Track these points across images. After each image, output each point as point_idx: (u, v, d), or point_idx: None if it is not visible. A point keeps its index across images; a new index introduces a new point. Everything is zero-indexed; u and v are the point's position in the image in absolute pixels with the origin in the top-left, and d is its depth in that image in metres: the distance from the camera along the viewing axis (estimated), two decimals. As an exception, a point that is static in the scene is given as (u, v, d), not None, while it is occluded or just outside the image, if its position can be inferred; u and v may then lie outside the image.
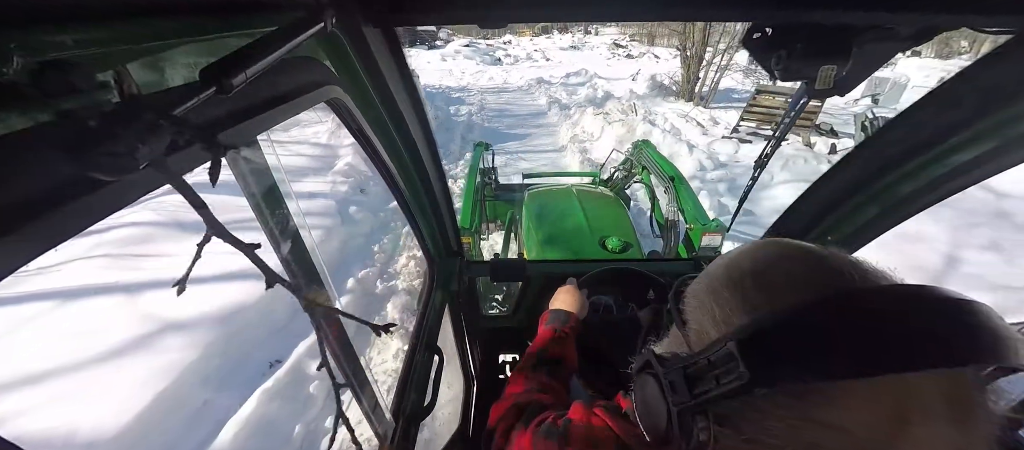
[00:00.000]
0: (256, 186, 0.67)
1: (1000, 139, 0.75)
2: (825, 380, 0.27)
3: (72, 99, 0.26)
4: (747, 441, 0.30)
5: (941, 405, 0.27)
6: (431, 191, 1.23)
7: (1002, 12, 0.58)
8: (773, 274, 0.33)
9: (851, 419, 0.27)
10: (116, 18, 0.32)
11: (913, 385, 0.27)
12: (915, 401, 0.27)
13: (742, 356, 0.28)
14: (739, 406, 0.30)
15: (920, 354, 0.25)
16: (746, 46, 0.74)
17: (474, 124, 9.30)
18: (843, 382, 0.27)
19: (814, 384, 0.27)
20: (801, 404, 0.28)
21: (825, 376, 0.27)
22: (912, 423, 0.27)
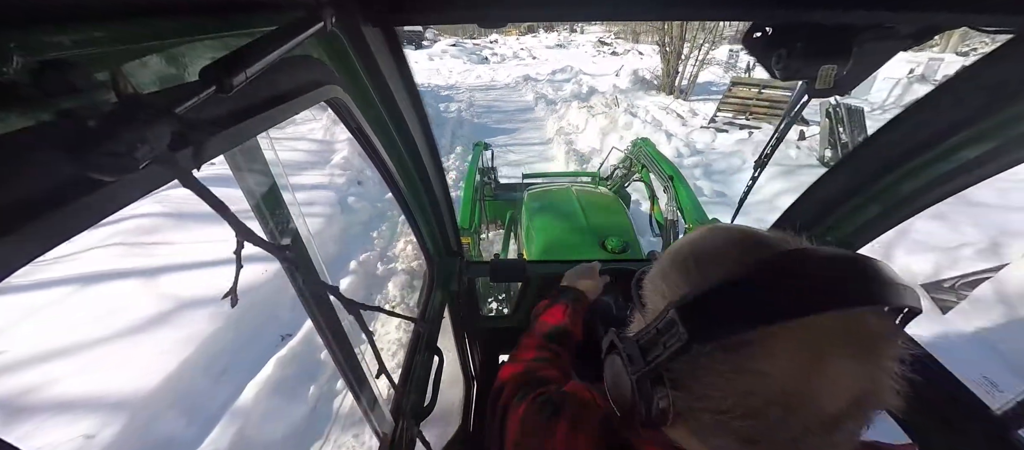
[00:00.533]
0: (256, 186, 0.67)
1: (1001, 138, 0.75)
2: (747, 329, 0.32)
3: (72, 99, 0.26)
4: (698, 399, 0.36)
5: (846, 345, 0.32)
6: (431, 191, 1.23)
7: (1002, 12, 0.58)
8: (709, 252, 0.39)
9: (774, 365, 0.32)
10: (116, 18, 0.32)
11: (820, 330, 0.32)
12: (824, 344, 0.32)
13: (681, 320, 0.34)
14: (688, 368, 0.36)
15: (820, 300, 0.31)
16: (746, 46, 0.74)
17: (464, 120, 9.63)
18: (762, 331, 0.32)
19: (739, 335, 0.32)
20: (734, 357, 0.33)
21: (747, 326, 0.32)
22: (824, 362, 0.32)
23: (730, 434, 0.35)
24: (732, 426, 0.34)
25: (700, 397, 0.35)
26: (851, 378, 0.32)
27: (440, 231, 1.44)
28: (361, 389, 0.97)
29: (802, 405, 0.32)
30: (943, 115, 0.81)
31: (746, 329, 0.32)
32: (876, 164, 0.97)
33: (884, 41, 0.66)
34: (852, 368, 0.32)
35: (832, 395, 0.32)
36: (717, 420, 0.35)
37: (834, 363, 0.32)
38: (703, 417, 0.36)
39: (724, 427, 0.35)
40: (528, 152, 7.55)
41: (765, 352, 0.32)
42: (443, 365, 1.34)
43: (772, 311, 0.32)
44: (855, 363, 0.32)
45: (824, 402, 0.32)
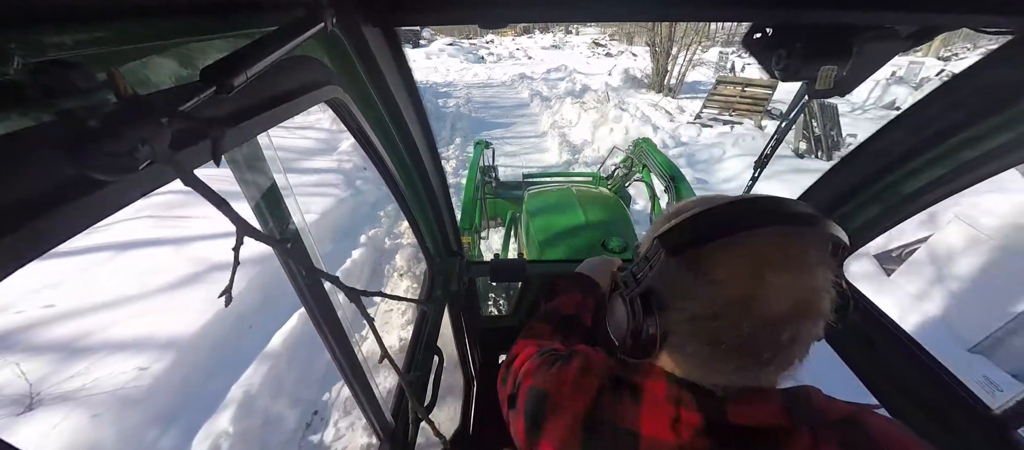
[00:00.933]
0: (256, 186, 0.67)
1: (1001, 139, 0.75)
2: (703, 243, 0.44)
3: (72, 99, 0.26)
4: (677, 312, 0.46)
5: (782, 260, 0.42)
6: (431, 191, 1.23)
7: (1002, 12, 0.58)
8: (688, 207, 0.51)
9: (725, 273, 0.43)
10: (116, 18, 0.32)
11: (759, 248, 0.42)
12: (763, 258, 0.42)
13: (660, 243, 0.46)
14: (669, 288, 0.47)
15: (750, 221, 0.43)
16: (746, 46, 0.74)
17: (462, 115, 9.96)
18: (714, 246, 0.43)
19: (700, 249, 0.44)
20: (698, 269, 0.44)
21: (702, 241, 0.44)
22: (765, 273, 0.41)
23: (701, 337, 0.45)
24: (702, 329, 0.44)
25: (678, 310, 0.46)
26: (790, 288, 0.41)
27: (440, 231, 1.44)
28: (361, 389, 0.97)
29: (751, 306, 0.41)
30: (943, 115, 0.81)
31: (702, 243, 0.43)
32: (876, 164, 0.97)
33: (884, 41, 0.66)
34: (788, 280, 0.42)
35: (774, 300, 0.41)
36: (690, 327, 0.45)
37: (772, 274, 0.41)
38: (682, 328, 0.46)
39: (696, 332, 0.45)
40: (524, 144, 7.90)
41: (719, 265, 0.43)
42: (443, 365, 1.34)
43: (719, 230, 0.43)
44: (790, 276, 0.42)
45: (770, 305, 0.41)
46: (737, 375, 0.45)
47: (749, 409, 0.45)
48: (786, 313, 0.41)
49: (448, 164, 6.55)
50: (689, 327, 0.45)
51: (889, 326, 1.05)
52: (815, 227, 0.44)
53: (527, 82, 13.49)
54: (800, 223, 0.43)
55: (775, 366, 0.45)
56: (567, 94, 10.75)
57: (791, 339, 0.43)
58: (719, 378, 0.46)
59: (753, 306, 0.41)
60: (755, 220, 0.43)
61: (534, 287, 1.83)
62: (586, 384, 0.55)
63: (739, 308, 0.42)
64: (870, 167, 0.99)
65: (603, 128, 7.95)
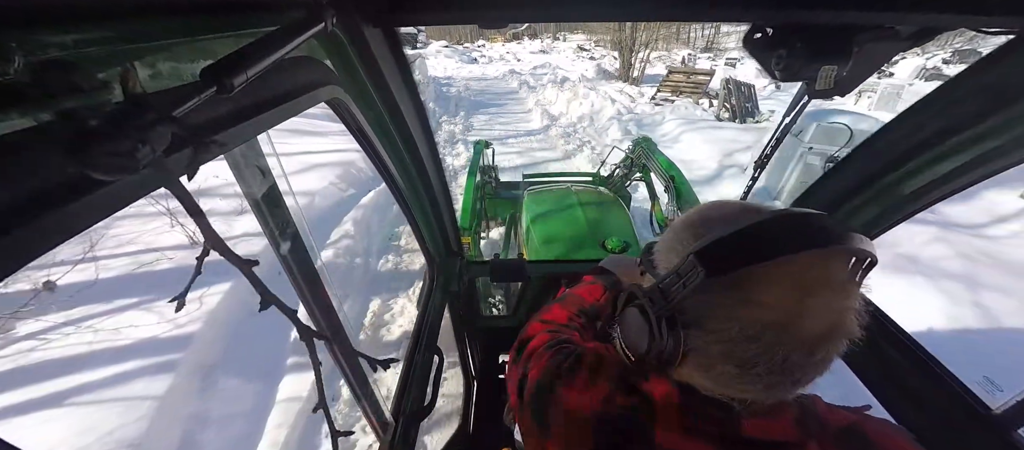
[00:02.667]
0: (256, 186, 0.67)
1: (1001, 139, 0.75)
2: (750, 264, 0.40)
3: (73, 99, 0.26)
4: (709, 333, 0.43)
5: (825, 281, 0.41)
6: (431, 191, 1.23)
7: (1002, 12, 0.58)
8: (716, 216, 0.48)
9: (771, 295, 0.40)
10: (116, 18, 0.32)
11: (804, 269, 0.40)
12: (808, 280, 0.40)
13: (699, 261, 0.42)
14: (701, 308, 0.43)
15: (800, 243, 0.40)
16: (746, 46, 0.74)
17: (463, 98, 12.44)
18: (761, 268, 0.40)
19: (744, 270, 0.41)
20: (738, 292, 0.41)
21: (750, 262, 0.41)
22: (809, 294, 0.40)
23: (733, 359, 0.43)
24: (735, 351, 0.42)
25: (711, 331, 0.43)
26: (827, 310, 0.41)
27: (440, 231, 1.44)
28: (361, 389, 0.97)
29: (790, 329, 0.40)
30: (943, 115, 0.81)
31: (749, 264, 0.41)
32: (876, 164, 0.97)
33: (884, 42, 0.66)
34: (828, 302, 0.41)
35: (813, 322, 0.40)
36: (723, 349, 0.43)
37: (813, 297, 0.40)
38: (712, 349, 0.44)
39: (728, 354, 0.43)
40: (513, 116, 10.39)
41: (764, 287, 0.41)
42: (443, 365, 1.34)
43: (770, 250, 0.40)
44: (830, 298, 0.41)
45: (807, 327, 0.40)
46: (765, 393, 0.44)
47: (764, 424, 0.45)
48: (822, 335, 0.40)
49: (455, 126, 9.13)
50: (721, 349, 0.43)
51: (889, 326, 1.05)
52: (851, 245, 0.41)
53: (516, 76, 15.96)
54: (840, 242, 0.41)
55: (802, 384, 0.44)
56: (549, 83, 13.14)
57: (822, 360, 0.42)
58: (745, 395, 0.45)
59: (792, 330, 0.40)
60: (805, 242, 0.40)
61: (534, 287, 1.83)
62: (597, 387, 0.54)
63: (779, 331, 0.40)
64: (870, 167, 0.99)
65: (574, 103, 10.48)
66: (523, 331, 0.77)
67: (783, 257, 0.40)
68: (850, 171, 1.04)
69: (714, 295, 0.42)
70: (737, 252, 0.42)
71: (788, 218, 0.43)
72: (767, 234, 0.42)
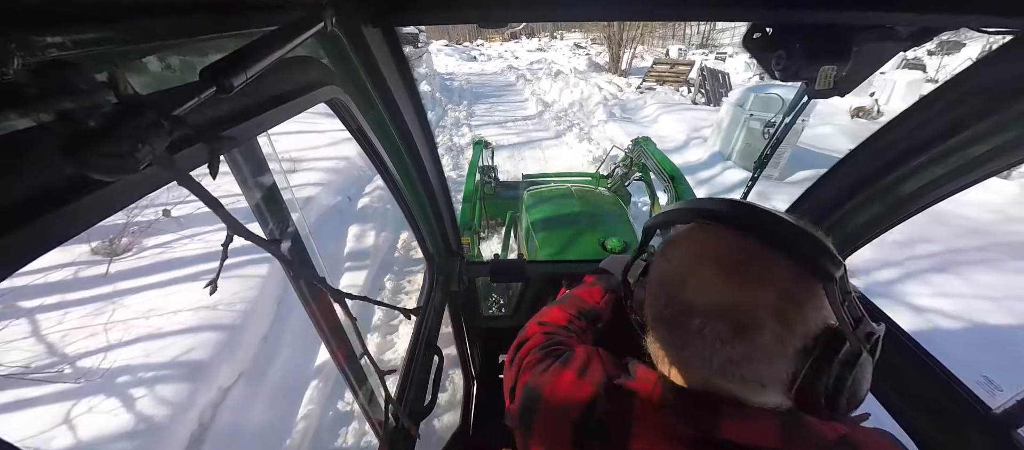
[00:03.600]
0: (256, 186, 0.67)
1: (1001, 139, 0.75)
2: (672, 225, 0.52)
3: (72, 99, 0.26)
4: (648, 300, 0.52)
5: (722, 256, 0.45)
6: (431, 191, 1.23)
7: (1002, 12, 0.58)
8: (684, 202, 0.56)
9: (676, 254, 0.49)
10: (116, 18, 0.32)
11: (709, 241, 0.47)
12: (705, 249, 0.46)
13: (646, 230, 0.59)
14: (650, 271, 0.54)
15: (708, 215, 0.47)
16: (746, 46, 0.74)
17: (465, 90, 13.92)
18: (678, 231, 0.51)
19: (671, 232, 0.50)
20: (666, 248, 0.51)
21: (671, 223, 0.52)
22: (703, 261, 0.45)
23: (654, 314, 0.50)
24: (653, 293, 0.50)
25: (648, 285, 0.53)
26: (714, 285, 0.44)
27: (440, 231, 1.44)
28: (361, 388, 0.97)
29: (681, 288, 0.46)
30: (943, 115, 0.81)
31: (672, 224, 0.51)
32: (876, 164, 0.97)
33: (884, 42, 0.66)
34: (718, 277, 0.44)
35: (698, 289, 0.44)
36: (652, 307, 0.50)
37: (706, 266, 0.45)
38: (650, 310, 0.51)
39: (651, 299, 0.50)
40: (511, 104, 11.74)
41: (673, 246, 0.50)
42: (443, 365, 1.34)
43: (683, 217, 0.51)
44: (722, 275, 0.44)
45: (692, 292, 0.44)
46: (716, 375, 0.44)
47: (742, 427, 0.44)
48: (703, 307, 0.43)
49: (459, 113, 10.29)
50: (651, 307, 0.51)
51: (889, 326, 1.05)
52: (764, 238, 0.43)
53: (514, 71, 17.62)
54: (750, 230, 0.43)
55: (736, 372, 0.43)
56: (544, 75, 14.44)
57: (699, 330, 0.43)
58: (697, 372, 0.46)
59: (681, 289, 0.45)
60: (713, 216, 0.46)
61: (534, 287, 1.83)
62: (581, 389, 0.55)
63: (672, 287, 0.46)
64: (870, 167, 0.99)
65: (566, 92, 11.87)
66: (521, 332, 0.78)
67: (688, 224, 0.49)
68: (850, 171, 1.04)
69: (654, 259, 0.53)
70: (670, 217, 0.52)
71: (721, 201, 0.48)
72: (696, 208, 0.49)
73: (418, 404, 1.20)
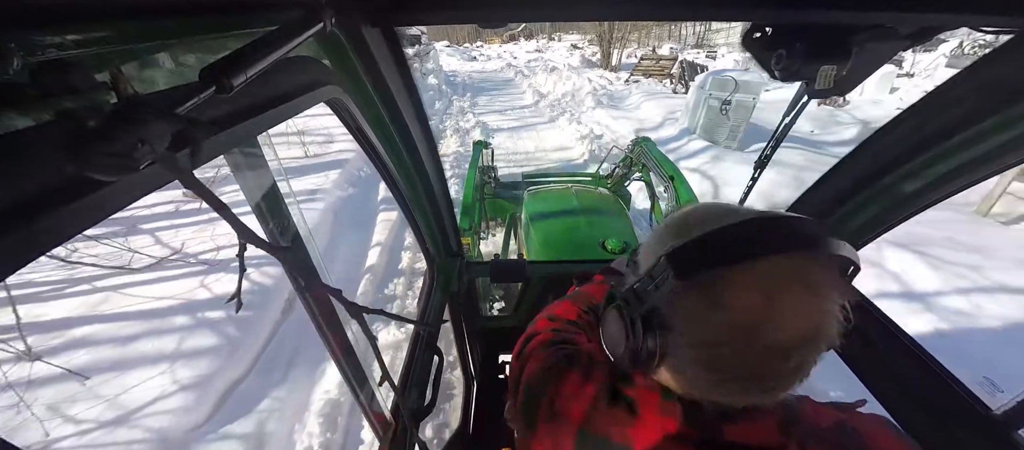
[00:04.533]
0: (256, 186, 0.67)
1: (1001, 138, 0.75)
2: (715, 268, 0.41)
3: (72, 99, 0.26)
4: (680, 335, 0.43)
5: (796, 286, 0.40)
6: (431, 191, 1.23)
7: (1002, 12, 0.58)
8: (693, 220, 0.48)
9: (737, 298, 0.40)
10: (116, 18, 0.32)
11: (773, 274, 0.40)
12: (776, 285, 0.40)
13: (669, 264, 0.42)
14: (674, 310, 0.44)
15: (765, 247, 0.40)
16: (746, 46, 0.74)
17: (468, 84, 15.30)
18: (726, 270, 0.40)
19: (712, 272, 0.41)
20: (708, 295, 0.41)
21: (713, 265, 0.41)
22: (775, 298, 0.39)
23: (702, 363, 0.43)
24: (704, 355, 0.43)
25: (682, 333, 0.43)
26: (795, 315, 0.40)
27: (440, 231, 1.44)
28: (361, 388, 0.97)
29: (758, 333, 0.39)
30: (943, 115, 0.81)
31: (714, 268, 0.41)
32: (876, 164, 0.97)
33: (884, 41, 0.66)
34: (799, 307, 0.40)
35: (783, 328, 0.39)
36: (694, 353, 0.43)
37: (783, 299, 0.39)
38: (684, 352, 0.44)
39: (698, 358, 0.43)
40: (510, 96, 13.00)
41: (730, 290, 0.40)
42: (443, 365, 1.34)
43: (735, 255, 0.41)
44: (801, 303, 0.40)
45: (778, 333, 0.39)
46: (738, 397, 0.44)
47: (744, 428, 0.45)
48: (794, 341, 0.40)
49: (463, 103, 11.44)
50: (692, 353, 0.43)
51: (889, 326, 1.05)
52: (828, 250, 0.41)
53: (512, 68, 19.11)
54: (815, 246, 0.41)
55: (777, 390, 0.43)
56: (541, 70, 16.06)
57: (797, 367, 0.41)
58: (720, 399, 0.45)
59: (761, 334, 0.39)
60: (773, 246, 0.40)
61: (534, 287, 1.83)
62: (584, 392, 0.55)
63: (746, 336, 0.40)
64: (870, 167, 0.99)
65: (560, 84, 13.09)
66: (531, 325, 0.78)
67: (748, 261, 0.40)
68: (850, 171, 1.04)
69: (685, 298, 0.43)
70: (705, 255, 0.42)
71: (758, 222, 0.43)
72: (735, 238, 0.42)
73: (418, 404, 1.20)
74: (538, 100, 11.80)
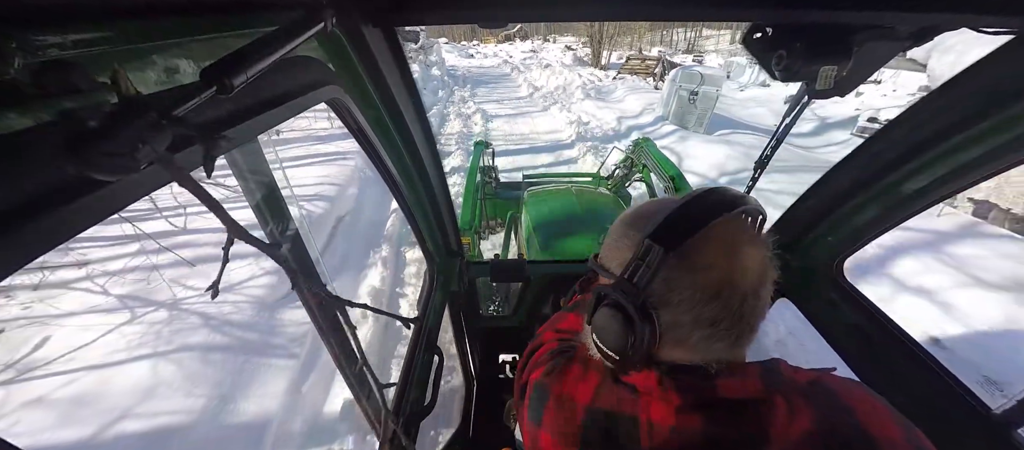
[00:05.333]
0: (256, 186, 0.67)
1: (1001, 138, 0.75)
2: (694, 232, 0.47)
3: (73, 99, 0.26)
4: (676, 306, 0.48)
5: (744, 237, 0.49)
6: (431, 191, 1.23)
7: (1002, 12, 0.58)
8: (646, 212, 0.55)
9: (711, 256, 0.47)
10: (116, 18, 0.32)
11: (727, 231, 0.48)
12: (735, 239, 0.48)
13: (655, 241, 0.48)
14: (663, 287, 0.49)
15: (719, 209, 0.48)
16: (746, 46, 0.74)
17: (467, 78, 16.82)
18: (698, 236, 0.47)
19: (689, 240, 0.47)
20: (689, 261, 0.47)
21: (693, 230, 0.48)
22: (738, 249, 0.48)
23: (702, 323, 0.48)
24: (704, 314, 0.47)
25: (677, 303, 0.48)
26: (753, 259, 0.48)
27: (440, 231, 1.44)
28: (361, 388, 0.97)
29: (735, 280, 0.47)
30: (943, 115, 0.81)
31: (693, 232, 0.47)
32: (877, 164, 0.97)
33: (884, 41, 0.66)
34: (753, 252, 0.48)
35: (746, 272, 0.47)
36: (692, 315, 0.48)
37: (740, 250, 0.48)
38: (683, 319, 0.48)
39: (697, 319, 0.48)
40: (507, 89, 14.46)
41: (705, 251, 0.47)
42: (443, 364, 1.34)
43: (703, 218, 0.48)
44: (751, 249, 0.48)
45: (747, 276, 0.47)
46: (734, 348, 0.50)
47: (735, 383, 0.50)
48: (755, 282, 0.48)
49: (465, 92, 13.12)
50: (690, 316, 0.48)
51: (889, 326, 1.05)
52: (752, 206, 0.51)
53: (509, 65, 20.87)
54: (745, 204, 0.50)
55: (748, 336, 0.50)
56: (535, 66, 18.00)
57: (763, 305, 0.49)
58: (717, 354, 0.50)
59: (737, 280, 0.47)
60: (724, 207, 0.49)
61: (534, 287, 1.83)
62: (588, 378, 0.58)
63: (730, 285, 0.47)
64: (870, 167, 0.99)
65: (552, 78, 14.70)
66: (536, 337, 0.79)
67: (711, 222, 0.48)
68: (851, 171, 1.04)
69: (672, 272, 0.48)
70: (681, 226, 0.49)
71: (705, 193, 0.51)
72: (695, 208, 0.50)
73: (418, 404, 1.19)
74: (532, 92, 13.32)
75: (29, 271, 3.25)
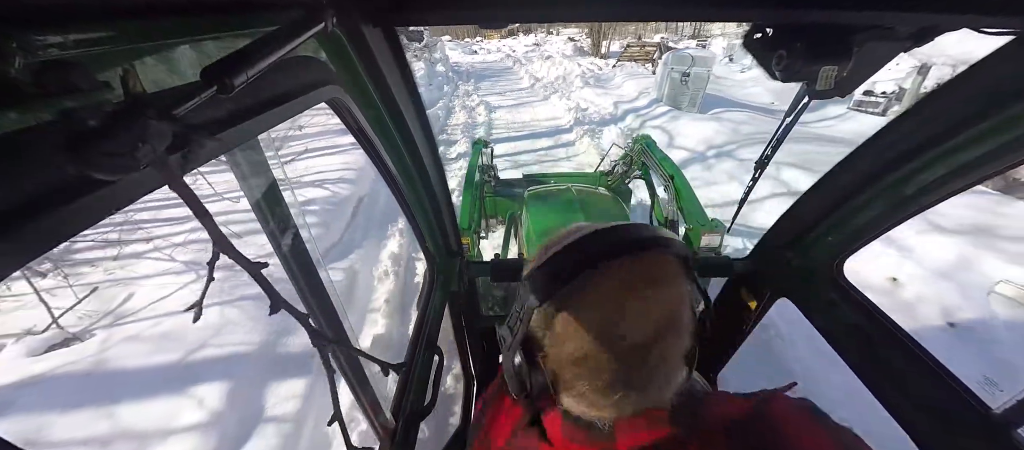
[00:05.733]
0: (256, 186, 0.67)
1: (1001, 138, 0.75)
2: (567, 282, 0.43)
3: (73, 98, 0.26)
4: (556, 358, 0.46)
5: (636, 280, 0.43)
6: (431, 191, 1.23)
7: (1003, 12, 0.58)
8: (553, 241, 0.51)
9: (591, 306, 0.43)
10: (117, 18, 0.32)
11: (614, 279, 0.43)
12: (617, 284, 0.43)
13: (530, 290, 0.45)
14: (542, 333, 0.47)
15: (602, 254, 0.44)
16: (746, 46, 0.74)
17: (471, 73, 17.19)
18: (573, 285, 0.43)
19: (565, 289, 0.43)
20: (566, 311, 0.44)
21: (565, 282, 0.43)
22: (622, 296, 0.43)
23: (583, 377, 0.45)
24: (581, 369, 0.44)
25: (556, 354, 0.46)
26: (646, 308, 0.43)
27: (440, 231, 1.44)
28: (361, 388, 0.97)
29: (619, 335, 0.42)
30: (943, 115, 0.81)
31: (565, 284, 0.43)
32: (877, 164, 0.97)
33: (885, 42, 0.66)
34: (646, 304, 0.43)
35: (636, 324, 0.42)
36: (574, 370, 0.45)
37: (628, 299, 0.43)
38: (565, 372, 0.46)
39: (577, 372, 0.45)
40: (509, 82, 14.84)
41: (583, 302, 0.43)
42: (443, 364, 1.34)
43: (573, 271, 0.43)
44: (644, 296, 0.43)
45: (633, 330, 0.42)
46: (621, 405, 0.45)
47: (635, 434, 0.46)
48: (650, 335, 0.43)
49: (468, 86, 13.57)
50: (573, 368, 0.45)
51: (889, 326, 1.05)
52: (659, 248, 0.45)
53: (511, 59, 21.54)
54: (646, 247, 0.44)
55: (654, 388, 0.45)
56: (537, 58, 18.54)
57: (660, 358, 0.44)
58: (606, 412, 0.46)
59: (620, 335, 0.42)
60: (606, 253, 0.44)
61: None
62: (507, 420, 0.59)
63: (608, 340, 0.42)
64: (870, 167, 0.99)
65: (553, 69, 15.09)
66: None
67: (588, 272, 0.43)
68: (851, 171, 1.04)
69: (548, 318, 0.45)
70: (552, 276, 0.44)
71: (589, 237, 0.46)
72: (573, 255, 0.45)
73: (418, 404, 1.19)
74: (533, 83, 13.87)
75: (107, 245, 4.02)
